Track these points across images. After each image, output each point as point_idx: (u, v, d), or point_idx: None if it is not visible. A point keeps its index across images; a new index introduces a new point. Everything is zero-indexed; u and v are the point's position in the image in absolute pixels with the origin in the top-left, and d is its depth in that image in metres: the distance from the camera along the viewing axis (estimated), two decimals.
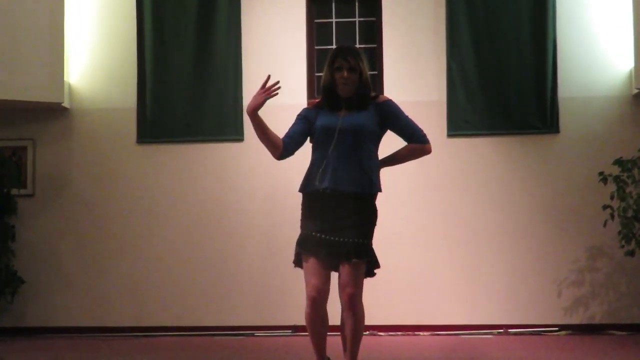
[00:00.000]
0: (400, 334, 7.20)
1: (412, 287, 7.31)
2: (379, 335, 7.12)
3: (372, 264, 4.03)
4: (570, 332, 7.14)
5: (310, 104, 4.24)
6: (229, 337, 7.20)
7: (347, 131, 3.98)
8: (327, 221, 3.96)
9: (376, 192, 4.08)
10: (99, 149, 7.73)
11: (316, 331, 4.06)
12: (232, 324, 7.40)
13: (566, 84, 7.38)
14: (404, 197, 7.33)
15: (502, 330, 7.18)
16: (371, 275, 4.06)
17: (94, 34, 7.78)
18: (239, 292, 7.47)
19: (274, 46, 7.62)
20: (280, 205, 7.35)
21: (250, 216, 7.53)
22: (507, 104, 7.39)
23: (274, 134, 4.05)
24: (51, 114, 7.73)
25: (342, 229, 3.94)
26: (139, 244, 7.60)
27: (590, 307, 7.25)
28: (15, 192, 7.56)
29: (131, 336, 7.35)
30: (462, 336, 7.03)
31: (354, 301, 3.94)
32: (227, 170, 7.60)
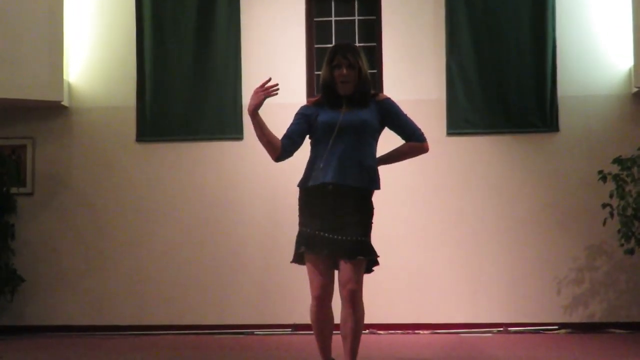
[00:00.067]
0: (400, 332, 7.20)
1: (411, 285, 7.31)
2: (378, 333, 7.12)
3: (372, 261, 4.03)
4: (570, 330, 7.14)
5: (309, 102, 4.21)
6: (229, 336, 7.20)
7: (350, 127, 3.97)
8: (327, 220, 3.95)
9: (377, 189, 4.08)
10: (99, 147, 7.72)
11: (322, 331, 4.06)
12: (232, 322, 7.39)
13: (566, 83, 7.38)
14: (403, 195, 7.33)
15: (501, 328, 7.19)
16: (369, 271, 4.06)
17: (94, 32, 7.78)
18: (238, 290, 7.47)
19: (274, 44, 7.61)
20: (280, 203, 7.34)
21: (250, 214, 7.52)
22: (507, 103, 7.39)
23: (273, 135, 4.04)
24: (51, 112, 7.73)
25: (343, 227, 3.93)
26: (139, 242, 7.60)
27: (589, 306, 7.25)
28: (14, 190, 7.56)
29: (131, 335, 7.34)
30: (462, 334, 7.03)
31: (355, 298, 3.94)
32: (226, 168, 7.60)
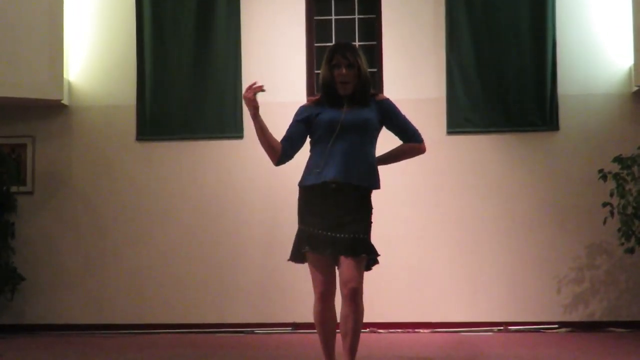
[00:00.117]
0: (400, 331, 7.20)
1: (412, 284, 7.31)
2: (379, 332, 7.12)
3: (372, 260, 4.03)
4: (570, 329, 7.14)
5: (309, 101, 4.20)
6: (229, 335, 7.20)
7: (353, 126, 3.95)
8: (327, 218, 3.93)
9: (377, 188, 4.08)
10: (99, 146, 7.73)
11: (326, 330, 4.04)
12: (232, 321, 7.40)
13: (566, 82, 7.38)
14: (403, 194, 7.33)
15: (502, 327, 7.19)
16: (368, 269, 4.05)
17: (94, 31, 7.78)
18: (239, 289, 7.47)
19: (274, 44, 7.60)
20: (280, 202, 7.34)
21: (250, 213, 7.52)
22: (507, 102, 7.38)
23: (274, 138, 4.03)
24: (51, 111, 7.72)
25: (344, 225, 3.92)
26: (139, 241, 7.60)
27: (590, 305, 7.25)
28: (14, 189, 7.55)
29: (131, 333, 7.34)
30: (462, 333, 7.04)
31: (357, 296, 3.93)
32: (226, 167, 7.60)
